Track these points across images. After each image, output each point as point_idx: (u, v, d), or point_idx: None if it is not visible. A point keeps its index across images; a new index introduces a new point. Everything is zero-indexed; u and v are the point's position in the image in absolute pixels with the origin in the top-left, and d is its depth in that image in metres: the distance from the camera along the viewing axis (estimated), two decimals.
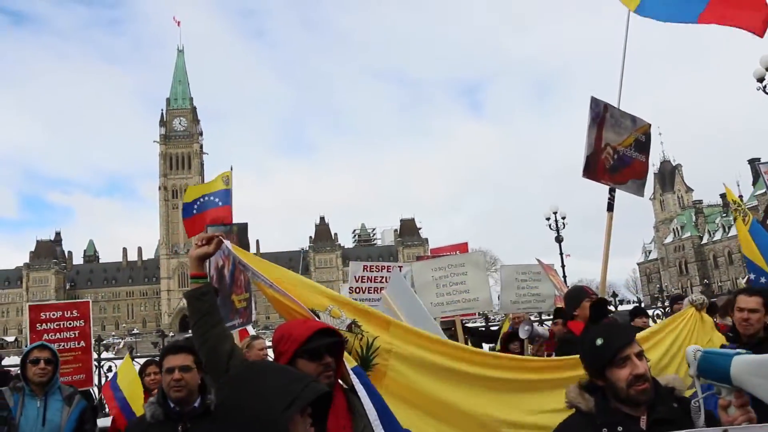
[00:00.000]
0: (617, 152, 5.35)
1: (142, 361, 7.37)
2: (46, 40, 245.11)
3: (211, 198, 6.61)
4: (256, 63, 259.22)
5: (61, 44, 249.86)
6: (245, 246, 6.12)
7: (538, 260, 8.99)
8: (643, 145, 5.58)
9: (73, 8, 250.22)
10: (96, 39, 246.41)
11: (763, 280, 6.94)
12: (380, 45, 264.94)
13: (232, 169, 6.81)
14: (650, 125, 5.68)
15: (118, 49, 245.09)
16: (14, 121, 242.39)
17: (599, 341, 2.69)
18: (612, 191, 5.36)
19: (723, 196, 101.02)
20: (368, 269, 7.50)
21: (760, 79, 21.69)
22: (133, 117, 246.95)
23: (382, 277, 7.44)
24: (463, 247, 10.34)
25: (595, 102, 5.25)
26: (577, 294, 5.36)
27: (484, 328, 11.48)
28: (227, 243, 3.31)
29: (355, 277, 7.46)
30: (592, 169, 5.24)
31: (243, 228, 6.22)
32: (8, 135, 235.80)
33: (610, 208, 5.37)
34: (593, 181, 5.28)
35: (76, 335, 7.37)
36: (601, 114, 5.26)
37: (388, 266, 7.60)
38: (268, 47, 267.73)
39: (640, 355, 2.68)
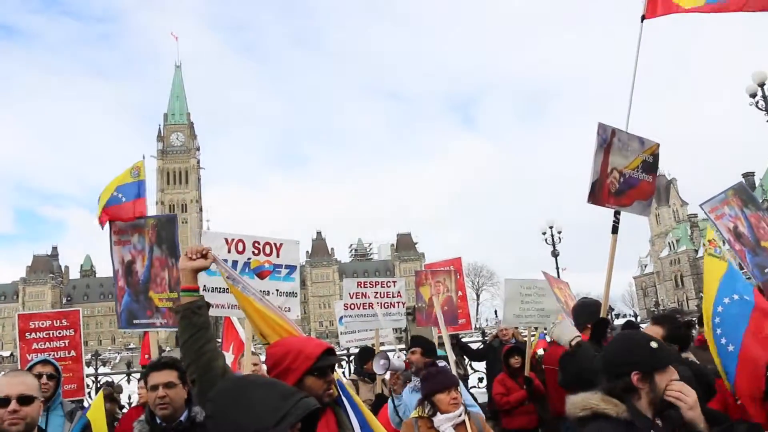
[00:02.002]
0: (623, 175, 5.37)
1: (137, 375, 7.38)
2: (39, 54, 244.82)
3: (115, 194, 6.13)
4: (252, 78, 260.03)
5: (53, 59, 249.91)
6: (172, 238, 5.86)
7: (545, 273, 9.07)
8: (650, 165, 5.56)
9: (64, 22, 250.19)
10: (89, 54, 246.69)
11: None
12: (373, 60, 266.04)
13: (144, 157, 6.34)
14: (658, 144, 5.65)
15: (111, 64, 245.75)
16: (7, 135, 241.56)
17: (654, 344, 2.75)
18: (617, 214, 5.39)
19: None
20: (362, 285, 7.57)
21: (752, 95, 21.93)
22: (127, 131, 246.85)
23: (377, 293, 7.51)
24: (456, 262, 10.38)
25: (602, 128, 5.25)
26: (594, 310, 5.39)
27: (482, 344, 11.48)
28: (216, 255, 3.32)
29: (349, 293, 7.52)
30: (597, 194, 5.28)
31: (169, 220, 5.96)
32: (1, 149, 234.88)
33: (615, 230, 5.38)
34: (597, 206, 5.33)
35: (66, 344, 7.21)
36: (608, 139, 5.27)
37: (381, 282, 7.68)
38: (262, 62, 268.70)
39: None
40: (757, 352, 3.95)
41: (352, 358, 10.90)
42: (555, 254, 35.13)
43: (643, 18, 5.74)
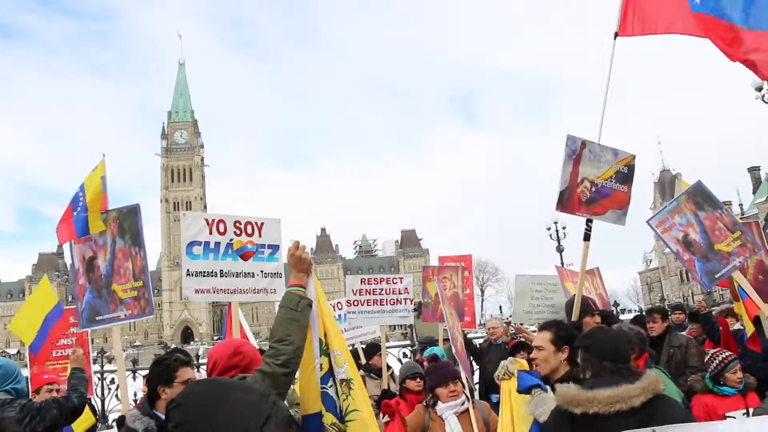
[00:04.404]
0: (595, 185, 5.52)
1: (143, 373, 7.37)
2: (37, 53, 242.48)
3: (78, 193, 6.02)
4: (253, 75, 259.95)
5: (51, 58, 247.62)
6: (135, 228, 5.76)
7: (557, 267, 9.01)
8: (625, 176, 5.72)
9: (60, 21, 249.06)
10: (87, 52, 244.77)
11: None
12: (373, 56, 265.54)
13: (104, 156, 6.18)
14: (634, 156, 5.78)
15: (110, 63, 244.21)
16: (7, 135, 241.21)
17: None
18: (589, 222, 5.50)
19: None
20: (366, 282, 7.50)
21: (758, 88, 21.79)
22: (128, 129, 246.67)
23: (381, 290, 7.44)
24: (467, 259, 10.43)
25: (571, 140, 5.44)
26: (582, 308, 5.48)
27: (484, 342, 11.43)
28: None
29: (352, 290, 7.45)
30: (566, 202, 5.44)
31: (132, 210, 5.78)
32: (1, 147, 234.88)
33: (587, 238, 5.55)
34: (567, 213, 5.50)
35: (74, 342, 7.31)
36: (577, 151, 5.44)
37: (386, 278, 7.61)
38: (263, 59, 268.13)
39: None
40: None
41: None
42: (560, 250, 35.15)
43: (616, 35, 5.67)
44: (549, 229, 35.55)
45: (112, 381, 10.62)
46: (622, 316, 13.86)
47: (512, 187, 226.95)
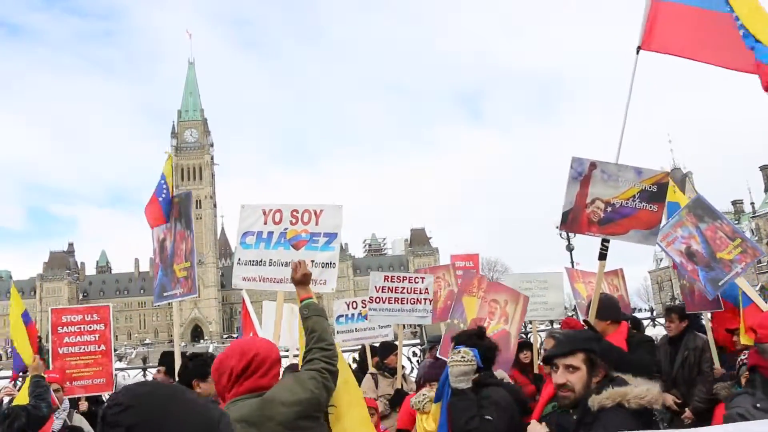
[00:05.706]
0: (611, 205, 5.37)
1: (153, 371, 7.40)
2: (44, 52, 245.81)
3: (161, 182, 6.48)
4: (259, 74, 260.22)
5: (59, 57, 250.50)
6: (188, 213, 6.26)
7: (567, 269, 9.01)
8: (653, 195, 5.45)
9: (67, 20, 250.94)
10: (94, 51, 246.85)
11: None
12: (381, 55, 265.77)
13: (168, 152, 6.84)
14: (667, 174, 5.59)
15: (117, 62, 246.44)
16: (15, 134, 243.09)
17: None
18: (605, 242, 5.37)
19: (734, 203, 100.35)
20: (389, 279, 7.44)
21: None
22: (135, 128, 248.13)
23: (403, 288, 7.40)
24: (474, 258, 10.61)
25: (577, 161, 5.36)
26: (615, 312, 5.63)
27: None
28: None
29: (375, 287, 7.40)
30: (570, 222, 5.40)
31: (188, 196, 6.35)
32: (11, 147, 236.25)
33: (602, 257, 5.41)
34: (576, 233, 5.45)
35: (97, 339, 7.31)
36: (584, 172, 5.34)
37: (408, 277, 7.58)
38: (268, 58, 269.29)
39: (567, 366, 3.09)
40: None
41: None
42: (570, 248, 35.04)
43: (639, 49, 5.59)
44: (558, 227, 35.44)
45: (123, 378, 10.64)
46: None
47: (522, 185, 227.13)
